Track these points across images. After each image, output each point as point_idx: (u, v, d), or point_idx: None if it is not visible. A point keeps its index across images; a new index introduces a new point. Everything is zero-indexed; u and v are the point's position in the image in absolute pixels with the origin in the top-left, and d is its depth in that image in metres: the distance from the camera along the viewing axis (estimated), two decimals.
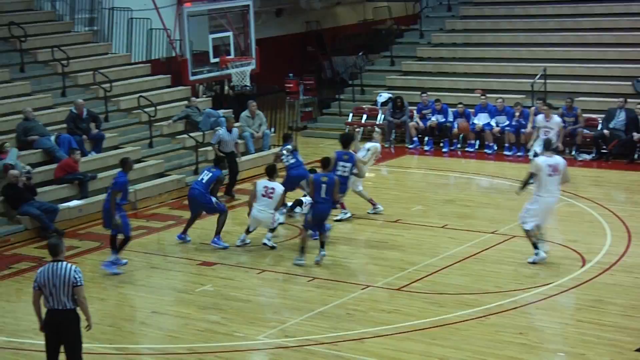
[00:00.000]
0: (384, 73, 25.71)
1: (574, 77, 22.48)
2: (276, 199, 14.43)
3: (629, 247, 14.05)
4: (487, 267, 13.55)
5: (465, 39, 25.73)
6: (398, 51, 26.45)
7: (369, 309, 12.15)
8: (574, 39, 23.71)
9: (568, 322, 11.48)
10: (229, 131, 18.41)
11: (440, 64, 25.08)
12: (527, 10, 25.53)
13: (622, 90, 21.11)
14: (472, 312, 11.77)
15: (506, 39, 24.83)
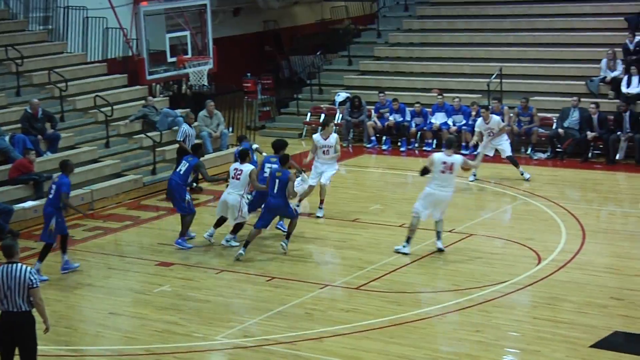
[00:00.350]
0: (341, 72, 25.76)
1: (529, 76, 22.72)
2: (243, 180, 14.33)
3: (583, 245, 14.23)
4: (444, 265, 13.64)
5: (422, 38, 25.86)
6: (356, 51, 26.52)
7: (327, 308, 12.16)
8: (529, 39, 23.96)
9: (524, 319, 11.59)
10: (190, 126, 18.40)
11: (398, 64, 25.19)
12: (483, 10, 25.74)
13: (576, 89, 21.37)
14: (429, 310, 11.85)
15: (463, 39, 25.02)
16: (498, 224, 15.43)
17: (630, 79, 20.46)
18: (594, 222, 15.40)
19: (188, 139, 18.27)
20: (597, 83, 21.26)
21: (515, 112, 20.79)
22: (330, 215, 16.46)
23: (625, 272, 13.05)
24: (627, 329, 11.08)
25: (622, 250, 14.03)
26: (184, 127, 18.45)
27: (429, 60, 24.83)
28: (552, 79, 22.40)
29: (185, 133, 18.33)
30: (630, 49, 21.22)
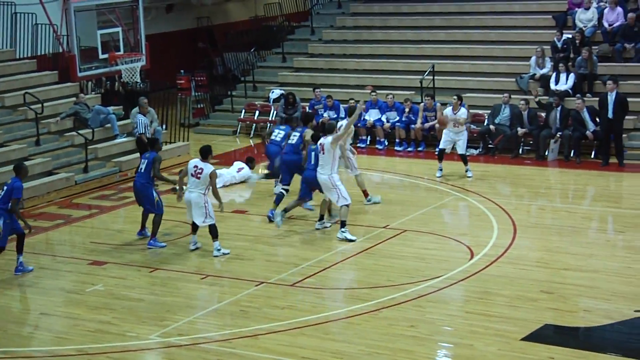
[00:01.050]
0: (275, 69, 25.71)
1: (461, 73, 22.96)
2: (203, 180, 13.88)
3: (515, 240, 14.42)
4: (379, 261, 13.69)
5: (355, 35, 25.94)
6: (289, 48, 26.49)
7: (263, 305, 12.11)
8: (460, 37, 24.22)
9: (457, 313, 11.70)
10: (144, 116, 18.19)
11: (332, 61, 25.24)
12: (415, 8, 25.93)
13: (507, 86, 21.66)
14: (364, 306, 11.88)
15: (395, 36, 25.17)
16: (431, 220, 15.55)
17: (559, 76, 20.81)
18: (525, 217, 15.63)
19: (147, 129, 18.13)
20: (526, 80, 21.58)
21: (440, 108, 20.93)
22: (265, 212, 16.39)
23: (555, 266, 13.26)
24: (557, 322, 11.26)
25: (551, 244, 14.27)
26: (138, 118, 18.27)
27: (362, 57, 24.93)
28: (483, 75, 22.67)
29: (144, 123, 18.17)
30: (559, 47, 21.59)
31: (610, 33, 21.71)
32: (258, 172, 18.56)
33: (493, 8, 24.73)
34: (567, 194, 17.52)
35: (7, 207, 13.37)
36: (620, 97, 18.83)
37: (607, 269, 12.97)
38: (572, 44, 21.49)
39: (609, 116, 18.76)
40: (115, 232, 15.71)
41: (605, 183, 17.91)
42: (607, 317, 11.25)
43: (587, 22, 22.10)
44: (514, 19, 24.12)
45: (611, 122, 18.80)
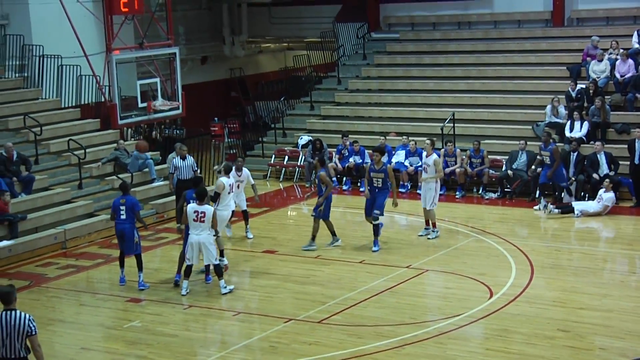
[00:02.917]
0: (304, 117, 25.88)
1: (480, 121, 23.00)
2: (208, 221, 13.72)
3: (532, 280, 14.35)
4: (402, 299, 13.66)
5: (379, 85, 26.12)
6: (317, 96, 26.69)
7: (291, 342, 12.11)
8: (479, 86, 24.31)
9: (477, 350, 11.63)
10: (182, 159, 18.36)
11: (357, 109, 25.40)
12: (436, 59, 26.09)
13: (523, 133, 21.67)
14: (388, 343, 11.84)
15: (417, 86, 25.30)
16: (452, 260, 15.51)
17: (573, 124, 20.82)
18: (542, 258, 15.55)
19: (179, 171, 18.28)
20: (542, 127, 21.58)
21: (468, 155, 21.03)
22: (294, 252, 16.46)
23: (571, 305, 13.17)
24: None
25: (567, 284, 14.17)
26: (172, 160, 18.48)
27: (386, 105, 25.07)
28: (501, 123, 22.70)
29: (175, 166, 18.34)
30: (573, 96, 21.61)
31: (622, 84, 21.71)
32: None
33: (510, 60, 24.83)
34: (583, 235, 17.41)
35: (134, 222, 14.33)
36: None
37: (621, 308, 12.85)
38: (586, 93, 21.51)
39: (636, 162, 18.78)
40: (152, 270, 15.80)
41: (619, 226, 17.79)
42: (622, 355, 11.13)
43: (600, 73, 22.13)
44: (530, 70, 24.20)
45: (637, 167, 18.78)
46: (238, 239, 17.59)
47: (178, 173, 18.34)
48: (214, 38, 31.21)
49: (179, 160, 18.29)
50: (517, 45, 25.22)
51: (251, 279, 15.11)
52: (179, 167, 18.33)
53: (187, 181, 17.67)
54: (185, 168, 18.36)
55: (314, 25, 30.04)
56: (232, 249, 16.86)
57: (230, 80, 31.54)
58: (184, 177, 18.26)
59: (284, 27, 31.46)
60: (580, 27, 25.18)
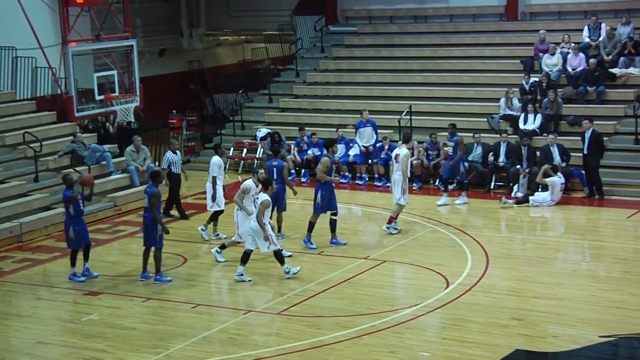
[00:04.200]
0: (262, 110, 25.81)
1: (436, 114, 23.11)
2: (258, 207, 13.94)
3: (487, 270, 14.48)
4: (360, 290, 13.70)
5: (337, 78, 26.13)
6: (276, 89, 26.62)
7: (250, 333, 12.08)
8: (435, 79, 24.42)
9: (434, 340, 11.72)
10: (174, 153, 18.35)
11: (315, 101, 25.38)
12: (393, 52, 26.16)
13: (479, 126, 21.83)
14: (347, 333, 11.87)
15: (375, 78, 25.36)
16: (409, 251, 15.60)
17: (527, 117, 21.02)
18: (497, 249, 15.70)
19: (173, 165, 18.22)
20: (497, 120, 21.77)
21: (424, 147, 21.13)
22: None
23: (525, 294, 13.32)
24: (527, 347, 11.29)
25: (521, 274, 14.33)
26: (167, 155, 18.36)
27: (344, 98, 25.09)
28: (457, 116, 22.82)
29: (169, 160, 18.22)
30: (526, 89, 21.83)
31: (574, 77, 21.99)
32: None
33: (466, 53, 24.99)
34: (535, 226, 17.61)
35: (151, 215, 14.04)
36: (595, 135, 19.03)
37: (573, 297, 13.03)
38: (539, 86, 21.74)
39: (584, 152, 18.95)
40: (110, 263, 15.66)
41: (570, 216, 18.03)
42: (573, 343, 11.29)
43: (552, 67, 22.38)
44: (485, 63, 24.37)
45: (586, 158, 18.99)
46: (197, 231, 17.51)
47: (174, 167, 18.30)
48: (172, 30, 30.94)
49: (172, 154, 18.24)
50: (472, 39, 25.40)
51: (211, 271, 15.03)
52: (174, 162, 18.25)
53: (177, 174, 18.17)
54: (178, 162, 18.31)
55: (272, 18, 29.94)
56: (192, 241, 16.77)
57: (189, 72, 31.31)
58: (177, 170, 18.32)
59: (243, 19, 31.30)
60: (533, 21, 25.43)
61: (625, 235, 16.50)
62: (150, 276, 14.45)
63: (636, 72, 21.83)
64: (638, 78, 21.77)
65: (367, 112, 21.77)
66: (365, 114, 21.65)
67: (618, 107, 21.28)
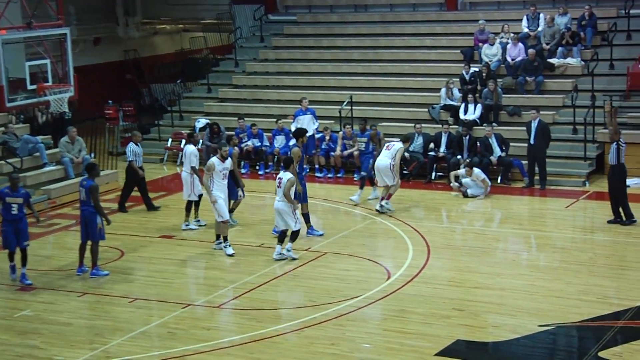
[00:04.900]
0: (201, 100, 25.62)
1: (377, 104, 23.24)
2: (282, 187, 14.39)
3: (428, 260, 14.62)
4: (301, 282, 13.71)
5: (277, 68, 26.07)
6: (214, 79, 26.45)
7: (190, 327, 12.00)
8: (376, 69, 24.54)
9: (375, 331, 11.79)
10: (137, 145, 18.18)
11: (255, 91, 25.29)
12: (334, 42, 26.20)
13: (420, 116, 22.02)
14: (287, 326, 11.88)
15: (315, 68, 25.36)
16: (350, 243, 15.66)
17: (467, 107, 21.27)
18: (438, 239, 15.86)
19: (137, 157, 18.02)
20: (438, 110, 21.97)
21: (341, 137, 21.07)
22: (192, 236, 16.31)
23: (466, 284, 13.49)
24: (468, 337, 11.44)
25: (462, 264, 14.51)
26: (130, 147, 18.06)
27: (284, 88, 25.05)
28: (398, 106, 23.00)
29: (133, 152, 17.93)
30: (466, 79, 22.07)
31: (513, 67, 22.32)
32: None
33: (406, 43, 25.15)
34: (476, 216, 17.84)
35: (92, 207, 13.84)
36: (542, 124, 19.29)
37: (513, 286, 13.24)
38: (479, 76, 22.01)
39: (531, 142, 19.21)
40: (44, 258, 15.39)
41: (510, 206, 18.31)
42: (513, 332, 11.47)
43: (492, 57, 22.67)
44: (425, 53, 24.57)
45: (533, 148, 19.26)
46: (135, 224, 17.32)
47: (138, 159, 18.13)
48: (107, 19, 30.49)
49: (135, 146, 17.99)
50: (412, 29, 25.58)
51: (148, 264, 14.88)
52: (138, 154, 18.12)
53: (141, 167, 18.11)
54: (141, 154, 18.24)
55: (211, 6, 29.72)
56: (128, 234, 16.58)
57: (125, 62, 30.90)
58: (140, 162, 18.22)
59: (180, 8, 30.97)
60: (473, 11, 25.74)
61: (563, 224, 16.82)
62: (87, 270, 14.24)
63: (574, 63, 22.25)
64: (576, 68, 22.20)
65: (306, 100, 21.77)
66: (305, 102, 21.66)
67: (557, 97, 21.68)
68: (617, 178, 16.20)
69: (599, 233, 15.95)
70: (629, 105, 20.80)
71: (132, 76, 30.90)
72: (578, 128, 20.42)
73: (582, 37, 22.55)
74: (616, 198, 16.26)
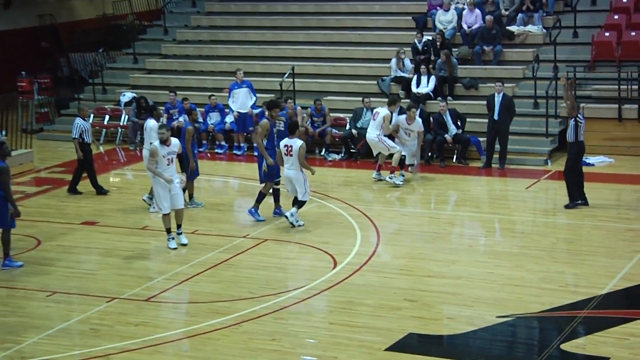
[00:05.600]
0: (126, 71, 25.37)
1: (321, 76, 23.26)
2: (295, 156, 15.21)
3: (378, 247, 14.73)
4: (239, 272, 13.71)
5: (211, 36, 25.90)
6: (141, 48, 26.18)
7: (115, 323, 11.92)
8: (320, 38, 24.54)
9: (320, 325, 11.85)
10: (84, 120, 17.93)
11: (187, 62, 25.10)
12: (274, 7, 26.11)
13: (368, 89, 22.11)
14: (224, 320, 11.87)
15: (253, 37, 25.27)
16: (293, 228, 15.67)
17: (420, 79, 21.39)
18: (388, 224, 15.98)
19: (85, 134, 17.76)
20: (388, 83, 22.07)
21: (309, 113, 21.23)
22: (118, 223, 16.18)
23: (418, 273, 13.62)
24: (420, 331, 11.57)
25: (415, 251, 14.65)
26: (77, 122, 17.71)
27: (219, 58, 24.91)
28: (344, 78, 23.05)
29: (81, 128, 17.61)
30: (419, 49, 22.19)
31: (469, 35, 22.51)
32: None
33: (352, 9, 25.18)
34: (430, 199, 18.01)
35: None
36: (507, 98, 19.43)
37: (470, 274, 13.42)
38: (432, 45, 22.13)
39: (495, 118, 19.34)
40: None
41: (467, 187, 18.53)
42: (470, 324, 11.63)
43: (447, 24, 22.84)
44: (373, 20, 24.64)
45: (497, 124, 19.39)
46: (53, 210, 17.11)
47: (85, 136, 17.85)
48: None
49: (83, 121, 17.71)
50: None
51: (69, 254, 14.73)
52: (86, 130, 17.85)
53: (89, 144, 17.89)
54: (89, 130, 17.99)
55: None
56: (46, 220, 16.37)
57: (40, 28, 30.36)
58: (89, 140, 17.96)
59: None
60: None
61: (524, 207, 17.08)
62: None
63: (535, 30, 22.51)
64: (537, 36, 22.46)
65: (241, 71, 21.65)
66: (240, 73, 21.54)
67: (516, 69, 21.95)
68: (572, 158, 16.31)
69: (562, 216, 16.23)
70: (593, 77, 21.17)
71: (48, 44, 30.37)
72: (539, 102, 20.72)
73: (544, 3, 22.83)
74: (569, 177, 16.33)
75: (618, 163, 19.63)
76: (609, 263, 13.65)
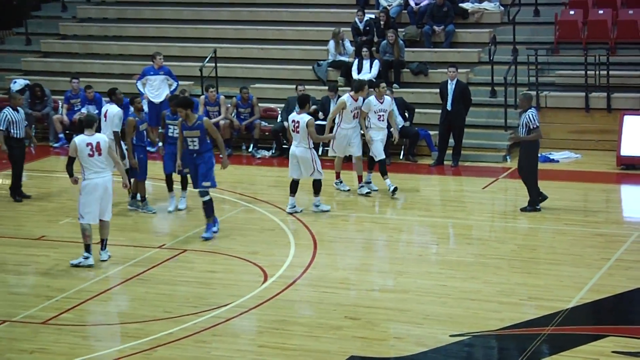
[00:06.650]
0: (18, 54, 25.19)
1: (248, 60, 23.29)
2: (303, 132, 16.09)
3: (315, 258, 14.79)
4: (153, 288, 13.67)
5: (118, 13, 25.79)
6: (35, 27, 25.97)
7: (6, 350, 11.81)
8: (246, 16, 24.58)
9: (248, 348, 11.87)
10: (15, 110, 17.63)
11: (90, 44, 24.93)
12: None
13: (302, 75, 22.20)
14: (135, 345, 11.82)
15: (167, 14, 25.20)
16: (217, 236, 15.68)
17: (362, 64, 21.50)
18: (326, 230, 16.06)
19: (13, 126, 17.55)
20: (325, 68, 22.17)
21: (234, 103, 21.20)
22: (12, 233, 16.00)
23: (361, 286, 13.73)
24: (364, 353, 11.64)
25: (357, 261, 14.76)
26: (4, 112, 17.48)
27: (128, 39, 24.79)
28: (275, 62, 23.10)
29: (8, 120, 17.49)
30: (360, 29, 22.32)
31: (417, 13, 22.72)
32: None
33: None
34: (374, 201, 18.13)
35: None
36: (461, 86, 19.61)
37: (419, 287, 13.55)
38: (375, 25, 22.29)
39: (448, 108, 19.49)
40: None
41: (416, 188, 18.70)
42: (419, 345, 11.75)
43: (392, 1, 23.02)
44: None
45: (450, 115, 19.53)
46: None
47: (14, 130, 17.60)
48: None
49: (12, 111, 17.40)
50: None
51: None
52: (15, 122, 17.58)
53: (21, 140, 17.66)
54: (20, 123, 17.72)
55: None
56: None
57: None
58: (20, 134, 17.69)
59: None
60: None
61: (480, 210, 17.31)
62: None
63: (491, 8, 22.82)
64: (494, 15, 22.80)
65: (161, 56, 21.50)
66: (160, 59, 21.39)
67: (471, 52, 22.25)
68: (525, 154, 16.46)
69: (523, 219, 16.49)
70: (557, 61, 21.56)
71: None
72: (497, 90, 21.01)
73: None
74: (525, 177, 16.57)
75: (585, 159, 20.01)
76: (575, 273, 13.90)
